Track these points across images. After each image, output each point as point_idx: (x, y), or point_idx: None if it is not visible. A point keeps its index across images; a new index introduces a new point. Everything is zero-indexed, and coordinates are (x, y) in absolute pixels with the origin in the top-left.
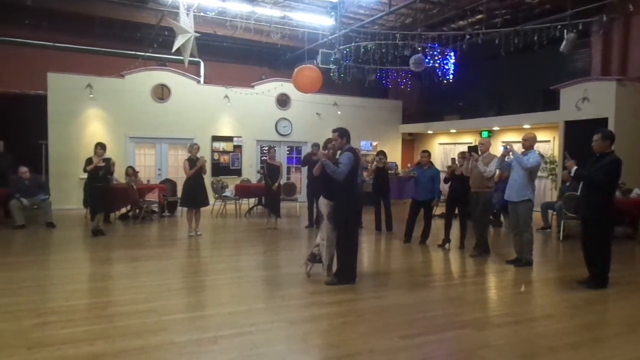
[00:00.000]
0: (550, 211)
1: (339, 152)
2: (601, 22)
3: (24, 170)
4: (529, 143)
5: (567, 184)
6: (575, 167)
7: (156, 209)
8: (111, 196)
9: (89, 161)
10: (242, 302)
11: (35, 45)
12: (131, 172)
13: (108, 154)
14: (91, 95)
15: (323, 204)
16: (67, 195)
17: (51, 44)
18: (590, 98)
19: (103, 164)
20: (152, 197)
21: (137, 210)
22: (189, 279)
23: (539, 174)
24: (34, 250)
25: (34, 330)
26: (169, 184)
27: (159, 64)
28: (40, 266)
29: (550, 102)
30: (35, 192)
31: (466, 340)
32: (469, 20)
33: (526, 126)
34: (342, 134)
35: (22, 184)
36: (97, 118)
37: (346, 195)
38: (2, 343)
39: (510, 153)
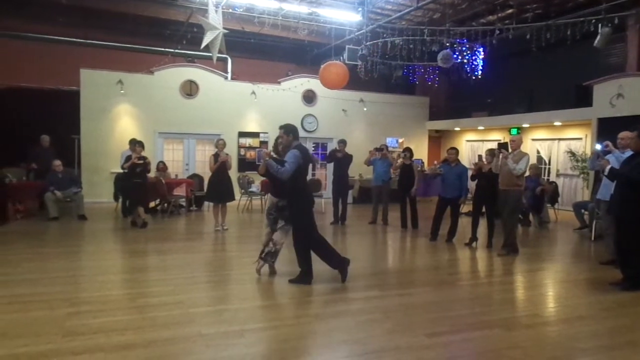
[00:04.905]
0: (582, 210)
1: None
2: (638, 15)
3: (57, 163)
4: (625, 142)
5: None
6: (609, 166)
7: (184, 204)
8: (146, 191)
9: (128, 159)
10: (267, 296)
11: (68, 42)
12: (162, 166)
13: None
14: (122, 91)
15: (269, 199)
16: (99, 188)
17: (84, 40)
18: (625, 94)
19: (141, 162)
20: (180, 191)
21: (166, 205)
22: (216, 272)
23: (571, 172)
24: (66, 241)
25: (67, 319)
26: (197, 178)
27: (187, 60)
28: (73, 257)
29: (583, 99)
30: (68, 185)
31: (494, 341)
32: (499, 15)
33: (557, 123)
34: (288, 130)
35: (56, 177)
36: (127, 113)
37: (297, 195)
38: (39, 330)
39: (613, 151)
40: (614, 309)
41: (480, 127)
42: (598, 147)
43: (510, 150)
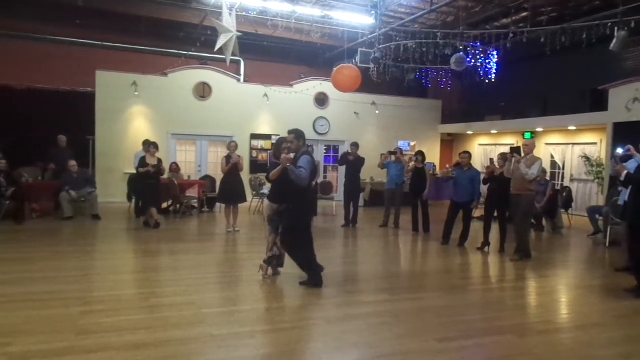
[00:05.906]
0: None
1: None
2: None
3: (72, 163)
4: None
5: (620, 189)
6: (625, 172)
7: (196, 205)
8: (159, 192)
9: (143, 160)
10: (278, 298)
11: (84, 44)
12: (175, 167)
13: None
14: (136, 93)
15: (268, 206)
16: (113, 189)
17: (99, 42)
18: None
19: (154, 167)
20: (192, 192)
21: (178, 205)
22: (227, 273)
23: (585, 177)
24: (81, 241)
25: (81, 317)
26: (209, 180)
27: (200, 62)
28: (87, 256)
29: (598, 103)
30: (83, 185)
31: (506, 347)
32: (513, 18)
33: (571, 128)
34: (299, 135)
35: (71, 177)
36: (141, 115)
37: (302, 199)
38: (53, 328)
39: (635, 156)
40: (629, 316)
41: (494, 131)
42: (620, 151)
43: (523, 154)
